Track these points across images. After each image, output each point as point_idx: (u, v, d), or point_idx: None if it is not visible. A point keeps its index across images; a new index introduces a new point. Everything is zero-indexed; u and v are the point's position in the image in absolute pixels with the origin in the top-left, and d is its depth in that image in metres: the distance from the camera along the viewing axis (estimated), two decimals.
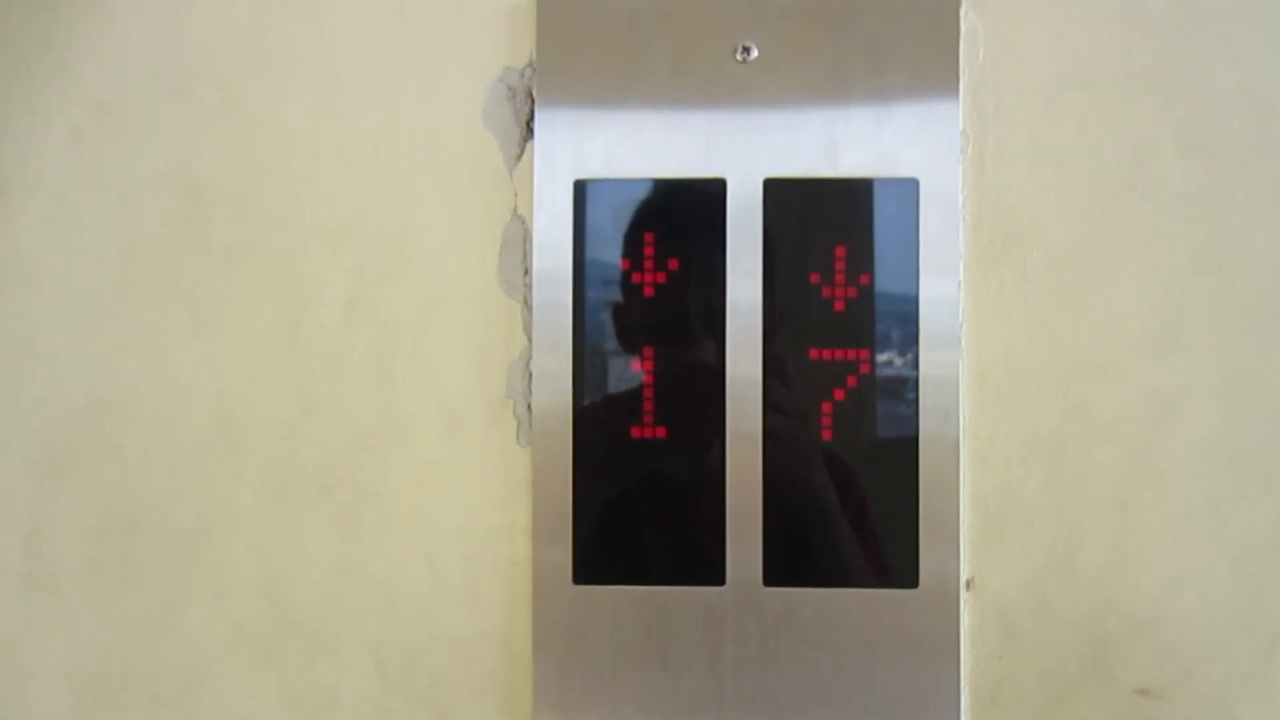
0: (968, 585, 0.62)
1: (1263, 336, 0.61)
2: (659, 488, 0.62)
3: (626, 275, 0.62)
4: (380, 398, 0.63)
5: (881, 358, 0.61)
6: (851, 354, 0.61)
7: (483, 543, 0.63)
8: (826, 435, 0.61)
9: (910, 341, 0.61)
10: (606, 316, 0.62)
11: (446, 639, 0.63)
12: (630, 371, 0.62)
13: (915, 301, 0.61)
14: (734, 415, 0.61)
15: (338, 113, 0.64)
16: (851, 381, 0.61)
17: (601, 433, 0.62)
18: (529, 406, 0.62)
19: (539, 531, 0.61)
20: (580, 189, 0.62)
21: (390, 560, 0.63)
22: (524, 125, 0.63)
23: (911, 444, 0.61)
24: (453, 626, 0.63)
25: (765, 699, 0.61)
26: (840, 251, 0.61)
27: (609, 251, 0.62)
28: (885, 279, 0.61)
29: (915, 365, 0.61)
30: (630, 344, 0.62)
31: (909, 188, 0.61)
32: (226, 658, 0.64)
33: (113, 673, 0.64)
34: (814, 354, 0.61)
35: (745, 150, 0.62)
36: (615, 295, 0.62)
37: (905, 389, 0.61)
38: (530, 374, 0.62)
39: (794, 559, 0.61)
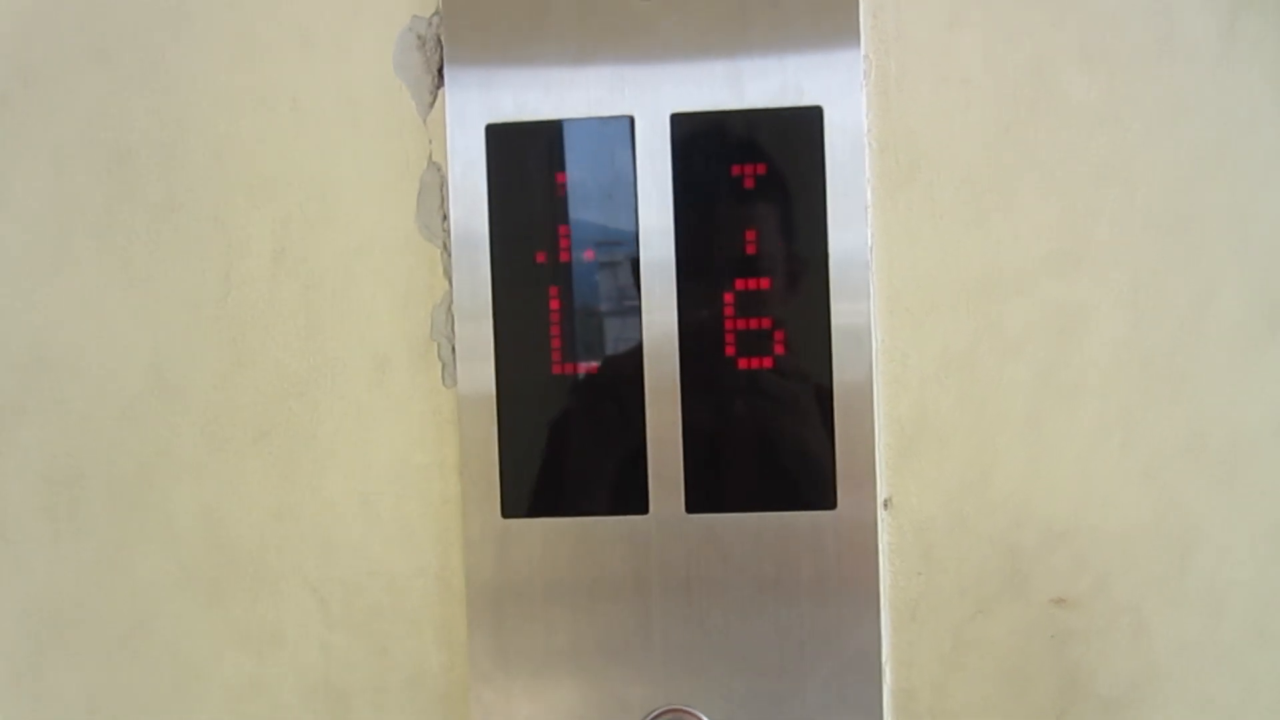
0: (886, 505, 0.63)
1: (1168, 247, 0.61)
2: (581, 421, 0.63)
3: (541, 216, 0.63)
4: (310, 345, 0.65)
5: (793, 284, 0.62)
6: (765, 283, 0.62)
7: (414, 481, 0.64)
8: (742, 363, 0.62)
9: (821, 267, 0.62)
10: (523, 257, 0.63)
11: (383, 575, 0.65)
12: (548, 310, 0.63)
13: (824, 227, 0.62)
14: (650, 348, 0.62)
15: (255, 69, 0.64)
16: (764, 309, 0.62)
17: (523, 370, 0.63)
18: (453, 348, 0.63)
19: (467, 468, 0.63)
20: (492, 133, 0.63)
21: (326, 501, 0.65)
22: (435, 73, 0.64)
23: (826, 367, 0.62)
24: (389, 563, 0.65)
25: (691, 623, 0.63)
26: (749, 183, 0.62)
27: (523, 193, 0.63)
28: (794, 206, 0.62)
29: (826, 290, 0.62)
30: (547, 282, 0.63)
31: (813, 116, 0.62)
32: (174, 599, 0.66)
33: (66, 615, 0.66)
34: (727, 283, 0.62)
35: (652, 87, 0.63)
36: (530, 236, 0.63)
37: (817, 314, 0.62)
38: (452, 316, 0.63)
39: (715, 486, 0.62)
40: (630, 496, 0.63)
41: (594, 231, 0.63)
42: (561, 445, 0.63)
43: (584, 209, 0.63)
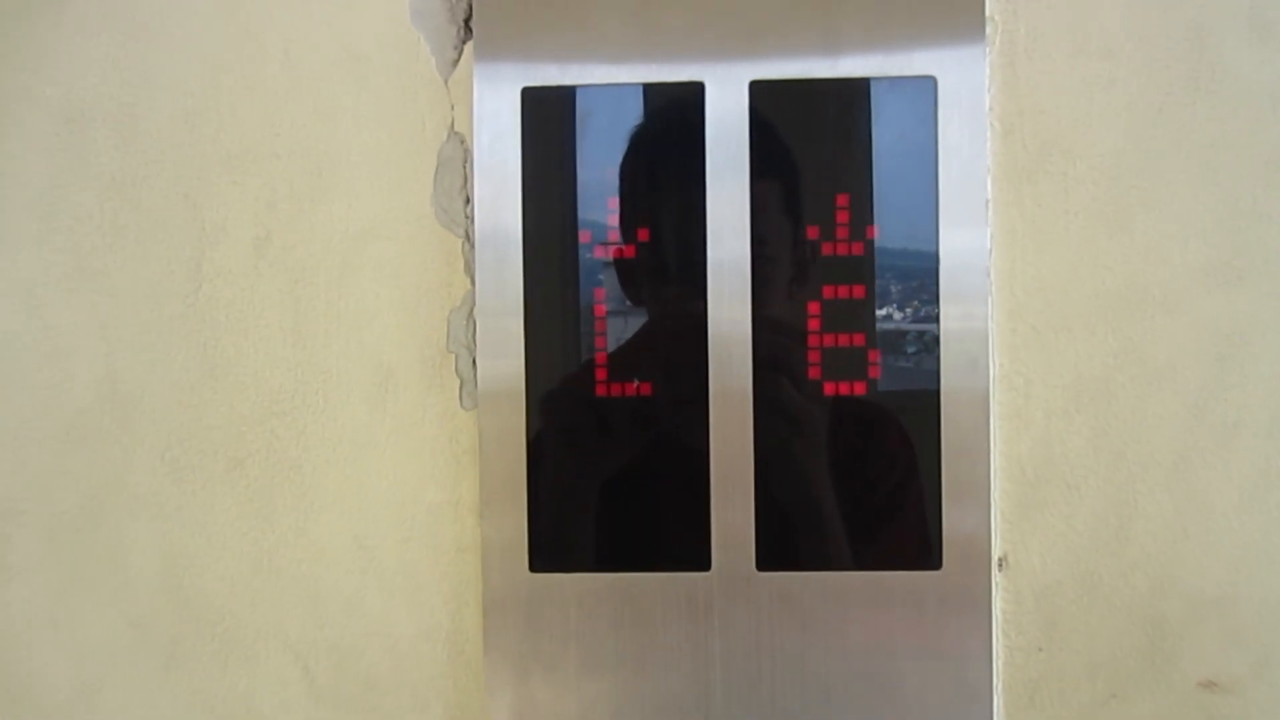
0: (1000, 564, 0.57)
1: None
2: (630, 456, 0.57)
3: (586, 201, 0.56)
4: (297, 354, 0.59)
5: (894, 295, 0.55)
6: (858, 292, 0.55)
7: (422, 524, 0.59)
8: (829, 390, 0.55)
9: (928, 275, 0.55)
10: (562, 251, 0.56)
11: (383, 638, 0.59)
12: (594, 318, 0.56)
13: (934, 226, 0.55)
14: (718, 369, 0.56)
15: (237, 14, 0.59)
16: (857, 323, 0.55)
17: (560, 392, 0.57)
18: (474, 362, 0.58)
19: (488, 510, 0.57)
20: (529, 98, 0.56)
21: (314, 546, 0.59)
22: (461, 23, 0.58)
23: (932, 398, 0.55)
24: (389, 623, 0.59)
25: (760, 704, 0.56)
26: (842, 169, 0.55)
27: (565, 174, 0.57)
28: (898, 199, 0.55)
29: (935, 303, 0.55)
30: (591, 283, 0.56)
31: (924, 88, 0.55)
32: (126, 663, 0.60)
33: None
34: (812, 291, 0.55)
35: (727, 47, 0.56)
36: (572, 225, 0.56)
37: (923, 333, 0.55)
38: (474, 323, 0.57)
39: (792, 538, 0.56)
40: (689, 549, 0.56)
41: (651, 222, 0.56)
42: (605, 485, 0.57)
43: (639, 194, 0.56)
